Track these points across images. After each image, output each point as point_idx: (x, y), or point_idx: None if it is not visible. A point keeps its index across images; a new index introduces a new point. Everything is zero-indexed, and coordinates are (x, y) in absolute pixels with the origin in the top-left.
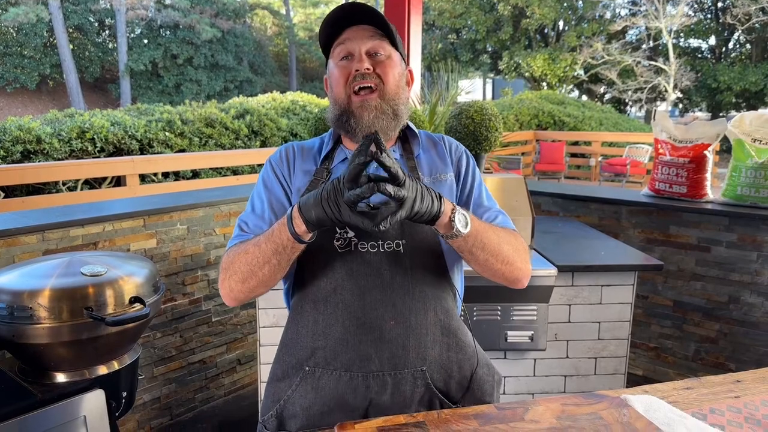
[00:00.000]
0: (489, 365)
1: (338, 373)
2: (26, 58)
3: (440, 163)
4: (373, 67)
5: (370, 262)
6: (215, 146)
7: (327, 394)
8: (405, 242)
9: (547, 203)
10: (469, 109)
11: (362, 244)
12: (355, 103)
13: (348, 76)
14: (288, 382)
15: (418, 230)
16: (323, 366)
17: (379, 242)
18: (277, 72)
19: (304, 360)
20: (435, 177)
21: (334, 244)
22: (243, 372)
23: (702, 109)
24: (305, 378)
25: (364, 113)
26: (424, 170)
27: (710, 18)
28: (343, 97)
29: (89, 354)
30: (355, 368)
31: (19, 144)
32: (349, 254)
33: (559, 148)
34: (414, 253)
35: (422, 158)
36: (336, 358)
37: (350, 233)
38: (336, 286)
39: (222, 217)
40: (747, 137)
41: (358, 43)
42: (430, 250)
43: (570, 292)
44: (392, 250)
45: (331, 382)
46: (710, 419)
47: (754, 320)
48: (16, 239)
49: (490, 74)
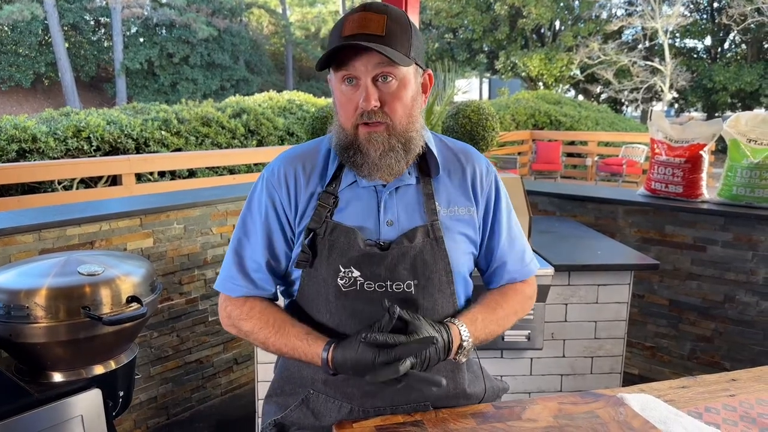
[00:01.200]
0: (494, 387)
1: (339, 403)
2: (21, 57)
3: (462, 196)
4: (380, 102)
5: (375, 302)
6: (212, 145)
7: (326, 420)
8: (417, 282)
9: (544, 203)
10: (465, 109)
11: (369, 284)
12: (363, 136)
13: (355, 108)
14: (292, 398)
15: (432, 269)
16: (325, 394)
17: (387, 282)
18: (274, 71)
19: (309, 381)
20: (452, 210)
21: (338, 282)
22: (239, 371)
23: (698, 109)
24: (307, 399)
25: (371, 149)
26: (441, 200)
27: (706, 18)
28: (349, 127)
29: (86, 353)
30: (356, 402)
31: (15, 143)
32: (354, 293)
33: (556, 148)
34: (425, 292)
35: (442, 184)
36: (338, 389)
37: (355, 272)
38: (338, 324)
39: (219, 216)
40: (742, 137)
41: (364, 70)
42: (442, 287)
43: (566, 291)
44: (402, 290)
45: (332, 411)
46: (706, 418)
47: (750, 319)
48: (13, 238)
49: (487, 74)
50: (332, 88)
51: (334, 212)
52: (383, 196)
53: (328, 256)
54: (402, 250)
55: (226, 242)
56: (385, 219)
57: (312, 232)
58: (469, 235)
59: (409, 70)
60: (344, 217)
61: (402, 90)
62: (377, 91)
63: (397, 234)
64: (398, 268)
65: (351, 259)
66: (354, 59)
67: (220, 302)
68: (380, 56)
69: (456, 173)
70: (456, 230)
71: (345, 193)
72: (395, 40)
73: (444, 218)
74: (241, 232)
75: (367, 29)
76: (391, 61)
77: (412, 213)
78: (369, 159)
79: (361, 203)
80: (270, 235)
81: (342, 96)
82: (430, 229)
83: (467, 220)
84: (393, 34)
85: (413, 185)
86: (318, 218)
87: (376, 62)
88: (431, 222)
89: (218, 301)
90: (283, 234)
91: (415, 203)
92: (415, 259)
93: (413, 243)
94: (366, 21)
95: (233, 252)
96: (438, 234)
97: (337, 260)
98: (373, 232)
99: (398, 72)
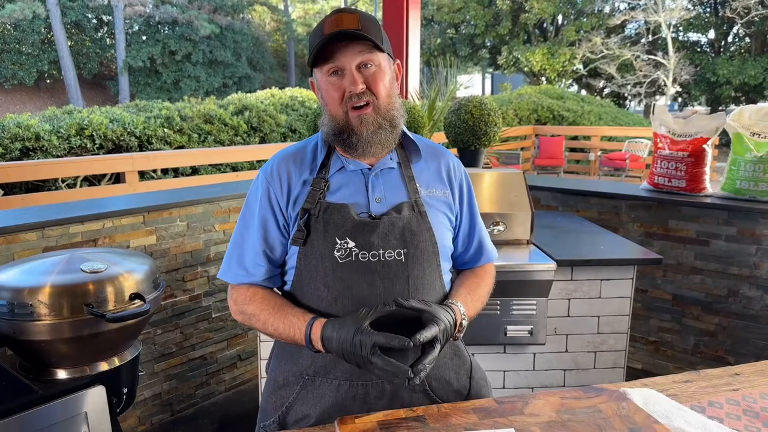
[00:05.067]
0: (480, 369)
1: (338, 382)
2: (24, 55)
3: (438, 181)
4: (365, 85)
5: (370, 272)
6: (214, 142)
7: (327, 402)
8: (406, 251)
9: (547, 198)
10: (468, 104)
11: (363, 254)
12: (354, 120)
13: (342, 94)
14: (289, 389)
15: (419, 238)
16: (323, 375)
17: (380, 251)
18: (276, 68)
19: (304, 368)
20: (431, 191)
21: (334, 255)
22: (243, 368)
23: (701, 103)
24: (305, 386)
25: (363, 129)
26: (420, 181)
27: (709, 12)
28: (340, 114)
29: (90, 350)
30: (354, 377)
31: (18, 141)
32: (350, 264)
33: (559, 143)
34: (414, 261)
35: (420, 169)
36: (336, 366)
37: (351, 243)
38: (336, 296)
39: (222, 213)
40: (746, 131)
41: (348, 60)
42: (429, 257)
43: (569, 286)
44: (393, 259)
45: (331, 390)
46: (709, 412)
47: (753, 313)
48: (16, 236)
49: (489, 69)
50: (318, 85)
51: (326, 194)
52: (370, 177)
53: (323, 231)
54: (391, 220)
55: (228, 239)
56: (374, 196)
57: (307, 213)
58: (447, 214)
59: (385, 57)
60: (336, 198)
61: (381, 73)
62: (361, 75)
63: (385, 208)
64: (389, 236)
65: (346, 231)
66: (338, 53)
67: (228, 292)
68: (361, 46)
69: (432, 162)
70: (436, 207)
71: (335, 178)
72: (370, 33)
73: (425, 197)
74: (240, 225)
75: (345, 26)
76: (371, 47)
77: (397, 191)
78: (362, 138)
79: (350, 185)
80: (265, 225)
81: (330, 86)
82: (414, 204)
83: (444, 200)
84: (367, 28)
85: (395, 169)
86: (312, 200)
87: (357, 51)
88: (414, 198)
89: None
90: (277, 223)
91: (399, 183)
92: (403, 229)
93: (401, 215)
94: (342, 19)
95: (233, 243)
96: (422, 209)
97: (332, 233)
98: (363, 207)
99: (376, 58)
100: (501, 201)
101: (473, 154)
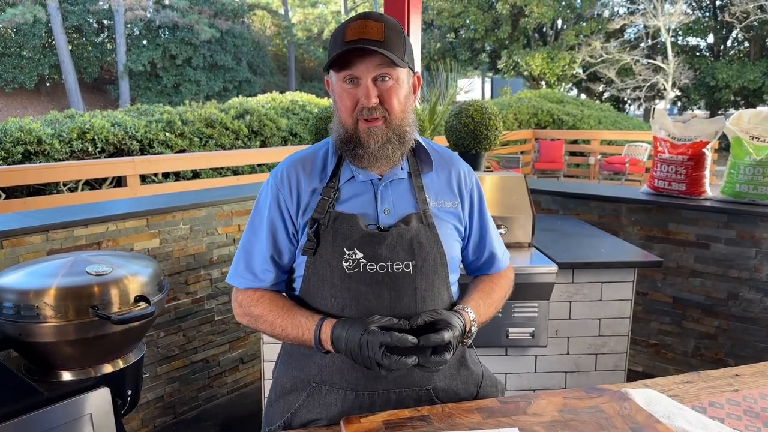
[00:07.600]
0: (491, 377)
1: (344, 392)
2: (25, 59)
3: (448, 192)
4: (379, 98)
5: (377, 283)
6: (215, 146)
7: (333, 410)
8: (414, 263)
9: (547, 201)
10: (468, 108)
11: (371, 265)
12: (363, 130)
13: (355, 104)
14: (296, 395)
15: (427, 250)
16: (330, 384)
17: (388, 263)
18: (276, 72)
19: (312, 376)
20: (440, 203)
21: (342, 265)
22: (246, 370)
23: (700, 107)
24: (312, 394)
25: (371, 141)
26: (430, 192)
27: (708, 16)
28: (350, 122)
29: (95, 352)
30: (360, 388)
31: (20, 145)
32: (358, 275)
33: (558, 147)
34: (422, 273)
35: (431, 179)
36: (342, 376)
37: (359, 254)
38: (344, 306)
39: (224, 216)
40: (745, 135)
41: (366, 71)
42: (437, 269)
43: (570, 289)
44: (401, 270)
45: (338, 400)
46: (710, 412)
47: (753, 316)
48: (21, 239)
49: (489, 73)
50: (332, 87)
51: (335, 204)
52: (379, 188)
53: (332, 241)
54: (400, 232)
55: (231, 242)
56: (383, 208)
57: (316, 222)
58: (456, 226)
59: (404, 72)
60: (345, 208)
61: (398, 88)
62: (376, 89)
63: (394, 220)
64: (397, 248)
65: (354, 241)
66: (357, 61)
67: (232, 295)
68: (381, 59)
69: (442, 172)
70: (444, 219)
71: (344, 188)
72: (393, 45)
73: (433, 209)
74: (249, 230)
75: (368, 35)
76: (390, 63)
77: (405, 202)
78: (369, 150)
79: (359, 196)
80: (274, 231)
81: (344, 93)
82: (423, 216)
83: (453, 212)
84: (390, 39)
85: (405, 179)
86: (321, 209)
87: (376, 64)
88: (423, 210)
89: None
90: (286, 229)
91: (408, 194)
92: (411, 241)
93: (409, 226)
94: (366, 28)
95: (242, 248)
96: (430, 220)
97: (341, 244)
98: (372, 218)
99: (395, 73)
100: (502, 204)
101: (474, 157)
